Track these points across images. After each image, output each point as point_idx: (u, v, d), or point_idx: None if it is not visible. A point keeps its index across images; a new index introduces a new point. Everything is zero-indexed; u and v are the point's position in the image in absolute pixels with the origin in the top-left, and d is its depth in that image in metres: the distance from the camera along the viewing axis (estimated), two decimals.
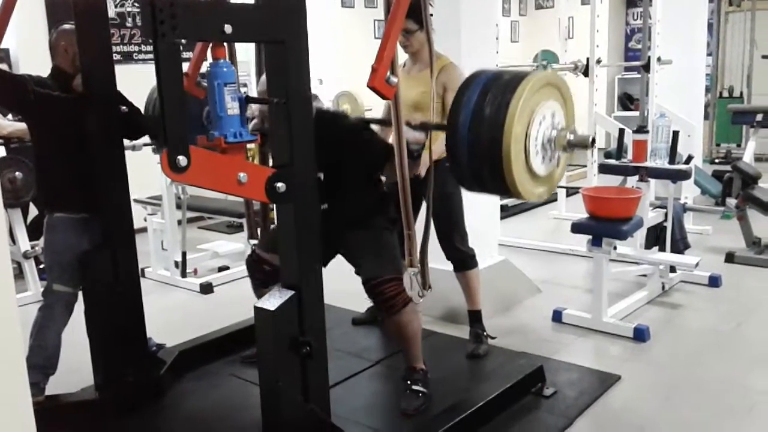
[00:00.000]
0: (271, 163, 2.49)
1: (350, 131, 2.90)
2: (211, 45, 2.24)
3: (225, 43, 2.20)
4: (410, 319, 2.82)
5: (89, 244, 2.96)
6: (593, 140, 2.40)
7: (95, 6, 2.81)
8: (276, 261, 2.58)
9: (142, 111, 3.15)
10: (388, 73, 2.28)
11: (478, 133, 2.22)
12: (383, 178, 2.95)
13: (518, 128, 2.17)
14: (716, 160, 8.86)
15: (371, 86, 2.28)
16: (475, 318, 3.54)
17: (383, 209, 2.90)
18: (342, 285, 3.08)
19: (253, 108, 2.85)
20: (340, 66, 7.49)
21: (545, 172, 2.33)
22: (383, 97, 2.33)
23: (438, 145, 2.99)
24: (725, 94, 9.50)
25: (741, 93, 9.37)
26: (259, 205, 3.29)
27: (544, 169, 2.32)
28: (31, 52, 5.13)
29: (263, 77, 2.67)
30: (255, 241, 3.22)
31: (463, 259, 3.47)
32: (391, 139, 2.60)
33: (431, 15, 3.23)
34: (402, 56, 3.32)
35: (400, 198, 2.48)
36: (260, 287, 3.01)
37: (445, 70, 3.23)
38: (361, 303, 3.89)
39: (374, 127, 3.16)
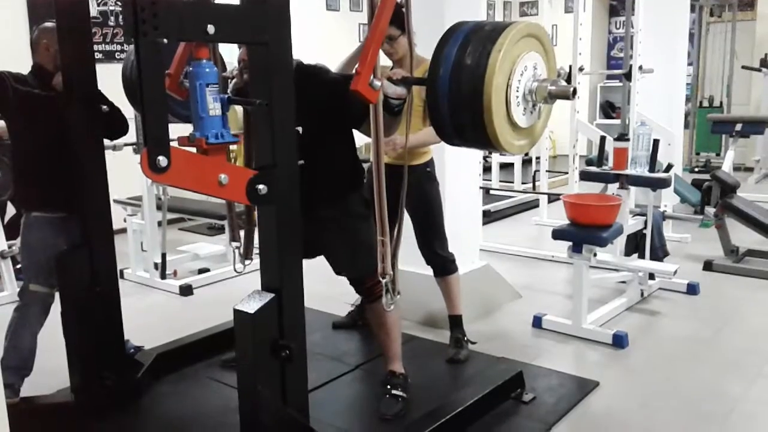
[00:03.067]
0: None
1: (331, 82, 2.87)
2: (194, 45, 2.21)
3: (208, 43, 2.18)
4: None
5: (67, 243, 2.93)
6: (574, 90, 2.36)
7: (77, 4, 2.79)
8: None
9: (120, 76, 3.08)
10: (372, 77, 2.28)
11: (458, 84, 2.20)
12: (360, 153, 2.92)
13: (499, 78, 2.15)
14: (696, 169, 8.94)
15: (354, 90, 2.27)
16: (455, 323, 3.54)
17: (357, 184, 2.90)
18: (323, 288, 3.06)
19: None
20: None
21: (527, 124, 2.32)
22: (366, 101, 2.32)
23: (416, 136, 2.98)
24: (705, 103, 9.59)
25: (721, 102, 9.47)
26: (243, 207, 3.27)
27: (525, 120, 2.30)
28: (12, 49, 5.07)
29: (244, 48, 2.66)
30: (237, 244, 3.19)
31: (443, 264, 3.47)
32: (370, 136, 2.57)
33: None
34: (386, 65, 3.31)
35: (375, 207, 2.45)
36: None
37: None
38: (342, 307, 3.89)
39: None
